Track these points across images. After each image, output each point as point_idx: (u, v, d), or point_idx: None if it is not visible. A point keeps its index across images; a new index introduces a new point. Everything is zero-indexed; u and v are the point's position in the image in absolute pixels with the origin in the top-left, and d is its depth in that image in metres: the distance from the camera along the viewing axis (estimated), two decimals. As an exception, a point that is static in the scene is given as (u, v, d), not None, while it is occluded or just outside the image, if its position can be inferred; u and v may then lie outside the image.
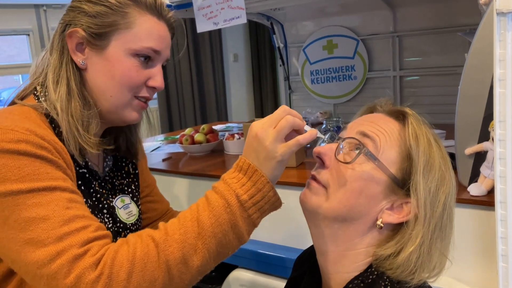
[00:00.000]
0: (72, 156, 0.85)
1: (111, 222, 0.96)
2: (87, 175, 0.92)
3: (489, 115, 1.09)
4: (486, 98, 1.08)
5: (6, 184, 0.71)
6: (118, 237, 0.96)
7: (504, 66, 0.78)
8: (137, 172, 1.09)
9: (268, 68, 5.73)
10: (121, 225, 0.99)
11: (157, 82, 0.92)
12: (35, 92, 0.90)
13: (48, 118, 0.86)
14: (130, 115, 0.93)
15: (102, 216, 0.94)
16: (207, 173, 1.69)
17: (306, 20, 3.39)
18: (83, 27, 0.87)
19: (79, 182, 0.89)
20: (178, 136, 2.17)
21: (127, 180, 1.06)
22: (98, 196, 0.94)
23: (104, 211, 0.95)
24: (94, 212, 0.91)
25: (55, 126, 0.86)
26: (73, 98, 0.86)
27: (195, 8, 1.75)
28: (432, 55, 3.02)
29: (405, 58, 3.13)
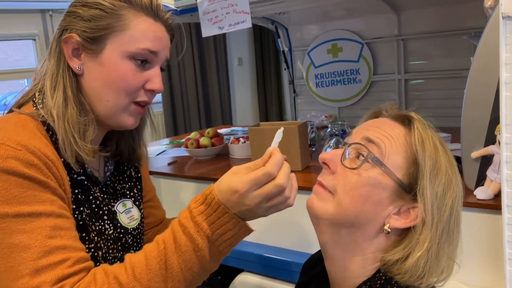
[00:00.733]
0: (69, 164, 0.85)
1: (112, 228, 0.95)
2: (86, 182, 0.91)
3: (495, 119, 1.09)
4: (492, 102, 1.08)
5: None
6: (119, 243, 0.96)
7: (510, 70, 0.78)
8: (140, 176, 1.08)
9: (273, 72, 5.74)
10: (122, 231, 0.98)
11: (155, 85, 0.90)
12: (34, 99, 0.89)
13: (45, 126, 0.85)
14: (127, 120, 0.91)
15: (102, 223, 0.93)
16: (213, 177, 1.69)
17: (311, 24, 3.39)
18: (78, 32, 0.86)
19: (77, 190, 0.88)
20: (183, 140, 2.17)
21: (129, 184, 1.05)
22: (98, 203, 0.93)
23: (105, 217, 0.94)
24: (93, 220, 0.90)
25: (52, 134, 0.85)
26: (69, 105, 0.85)
27: (201, 13, 1.76)
28: (437, 59, 3.01)
29: (410, 62, 3.12)
